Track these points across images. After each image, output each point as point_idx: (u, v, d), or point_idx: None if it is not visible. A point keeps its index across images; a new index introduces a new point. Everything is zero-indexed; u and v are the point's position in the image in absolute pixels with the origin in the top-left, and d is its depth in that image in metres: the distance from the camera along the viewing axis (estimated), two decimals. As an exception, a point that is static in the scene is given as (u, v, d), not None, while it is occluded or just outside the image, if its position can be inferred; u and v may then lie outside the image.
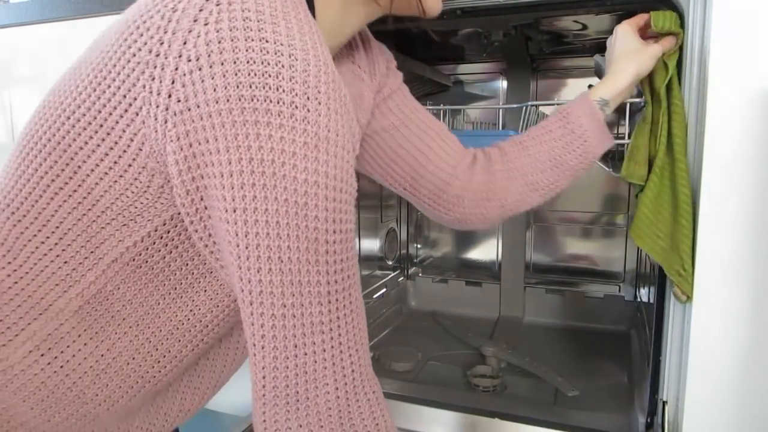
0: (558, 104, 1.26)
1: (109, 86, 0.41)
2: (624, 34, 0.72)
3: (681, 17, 0.70)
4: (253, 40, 0.37)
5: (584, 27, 1.04)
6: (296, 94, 0.37)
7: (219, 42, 0.37)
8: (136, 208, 0.43)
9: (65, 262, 0.45)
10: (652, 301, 0.88)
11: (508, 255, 1.41)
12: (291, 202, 0.37)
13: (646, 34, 0.73)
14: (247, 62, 0.36)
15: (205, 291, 0.49)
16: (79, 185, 0.43)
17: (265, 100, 0.36)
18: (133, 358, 0.50)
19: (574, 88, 1.33)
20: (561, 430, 0.81)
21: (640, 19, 0.72)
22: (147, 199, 0.42)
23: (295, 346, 0.39)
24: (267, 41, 0.37)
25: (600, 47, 1.23)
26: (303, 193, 0.37)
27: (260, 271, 0.38)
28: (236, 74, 0.36)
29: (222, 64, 0.36)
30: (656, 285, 0.78)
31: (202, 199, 0.40)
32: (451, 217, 0.73)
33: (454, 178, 0.70)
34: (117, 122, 0.40)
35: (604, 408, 0.93)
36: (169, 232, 0.44)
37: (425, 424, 0.86)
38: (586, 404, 0.95)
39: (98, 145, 0.41)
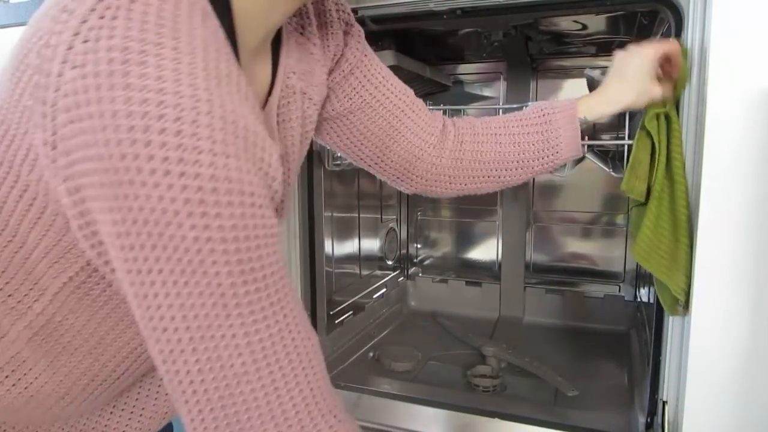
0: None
1: (10, 126, 0.39)
2: (646, 60, 0.67)
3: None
4: (117, 88, 0.32)
5: (584, 27, 1.04)
6: (169, 148, 0.32)
7: (85, 92, 0.33)
8: (62, 246, 0.41)
9: (9, 296, 0.44)
10: (652, 301, 0.88)
11: (508, 255, 1.41)
12: (184, 262, 0.34)
13: (663, 65, 0.70)
14: (113, 116, 0.32)
15: None
16: (6, 224, 0.41)
17: (135, 158, 0.32)
18: (93, 380, 0.49)
19: (574, 88, 1.33)
20: (561, 430, 0.81)
21: (669, 47, 0.68)
22: (71, 237, 0.40)
23: (221, 398, 0.37)
24: (132, 89, 0.32)
25: (600, 47, 1.23)
26: (196, 252, 0.34)
27: (166, 331, 0.36)
28: (104, 130, 0.33)
29: (90, 118, 0.33)
30: (656, 285, 0.78)
31: (108, 252, 0.38)
32: (410, 190, 0.72)
33: (420, 160, 0.68)
34: (21, 165, 0.39)
35: (604, 408, 0.93)
36: None
37: (425, 424, 0.86)
38: (586, 404, 0.95)
39: (12, 187, 0.40)
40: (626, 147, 0.75)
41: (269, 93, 0.52)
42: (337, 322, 1.12)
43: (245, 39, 0.45)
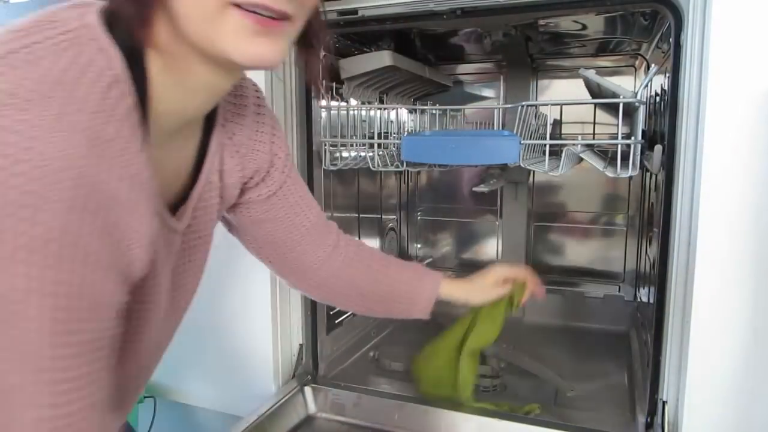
0: (553, 104, 1.27)
1: None
2: (496, 277, 0.84)
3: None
4: None
5: (584, 27, 1.04)
6: (20, 190, 0.32)
7: None
8: None
9: None
10: (651, 301, 0.88)
11: (508, 255, 1.41)
12: (6, 311, 0.33)
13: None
14: None
15: None
16: None
17: None
18: None
19: (573, 88, 1.33)
20: (560, 430, 0.81)
21: (513, 274, 0.86)
22: None
23: None
24: None
25: (600, 47, 1.23)
26: (16, 301, 0.33)
27: None
28: None
29: None
30: (656, 285, 0.78)
31: None
32: (293, 287, 0.78)
33: (309, 270, 0.72)
34: None
35: (604, 408, 0.93)
36: None
37: (425, 424, 0.86)
38: (586, 404, 0.95)
39: None
40: (618, 147, 0.74)
41: (193, 180, 0.52)
42: (337, 322, 1.12)
43: (160, 120, 0.44)
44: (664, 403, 0.77)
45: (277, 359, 0.93)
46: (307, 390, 0.92)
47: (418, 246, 1.56)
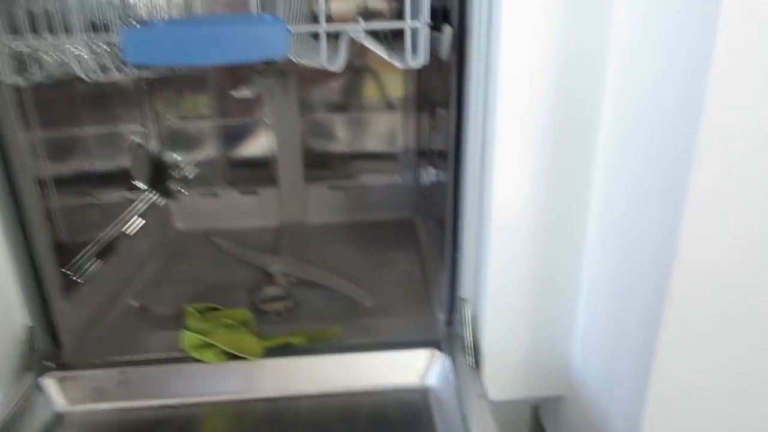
0: None
1: None
2: None
3: None
4: None
5: None
6: None
7: None
8: None
9: None
10: (434, 181, 0.83)
11: (283, 149, 1.27)
12: None
13: None
14: None
15: None
16: None
17: None
18: None
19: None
20: (359, 352, 0.75)
21: None
22: None
23: None
24: None
25: None
26: None
27: None
28: None
29: None
30: (451, 178, 0.71)
31: None
32: None
33: None
34: None
35: (403, 311, 0.90)
36: None
37: (212, 384, 0.72)
38: (385, 310, 0.91)
39: None
40: (408, 30, 0.61)
41: None
42: (75, 278, 0.86)
43: None
44: (463, 300, 0.74)
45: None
46: (48, 382, 0.69)
47: (178, 157, 1.31)
